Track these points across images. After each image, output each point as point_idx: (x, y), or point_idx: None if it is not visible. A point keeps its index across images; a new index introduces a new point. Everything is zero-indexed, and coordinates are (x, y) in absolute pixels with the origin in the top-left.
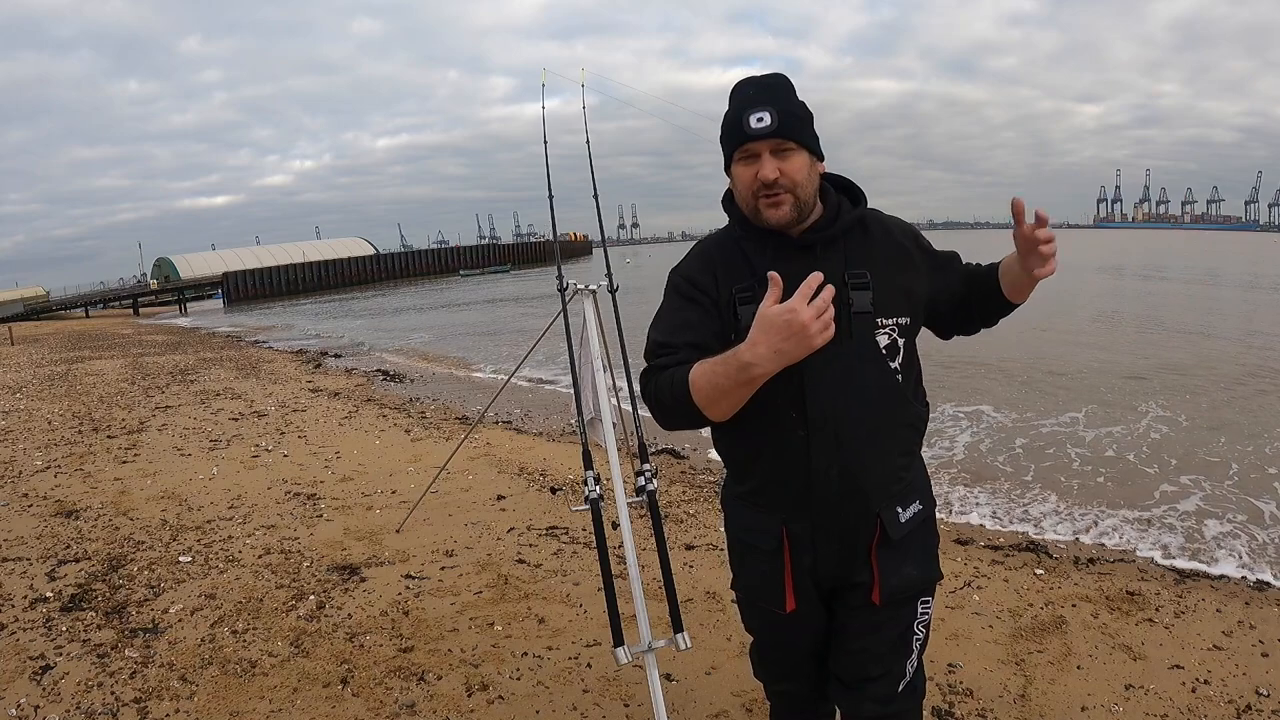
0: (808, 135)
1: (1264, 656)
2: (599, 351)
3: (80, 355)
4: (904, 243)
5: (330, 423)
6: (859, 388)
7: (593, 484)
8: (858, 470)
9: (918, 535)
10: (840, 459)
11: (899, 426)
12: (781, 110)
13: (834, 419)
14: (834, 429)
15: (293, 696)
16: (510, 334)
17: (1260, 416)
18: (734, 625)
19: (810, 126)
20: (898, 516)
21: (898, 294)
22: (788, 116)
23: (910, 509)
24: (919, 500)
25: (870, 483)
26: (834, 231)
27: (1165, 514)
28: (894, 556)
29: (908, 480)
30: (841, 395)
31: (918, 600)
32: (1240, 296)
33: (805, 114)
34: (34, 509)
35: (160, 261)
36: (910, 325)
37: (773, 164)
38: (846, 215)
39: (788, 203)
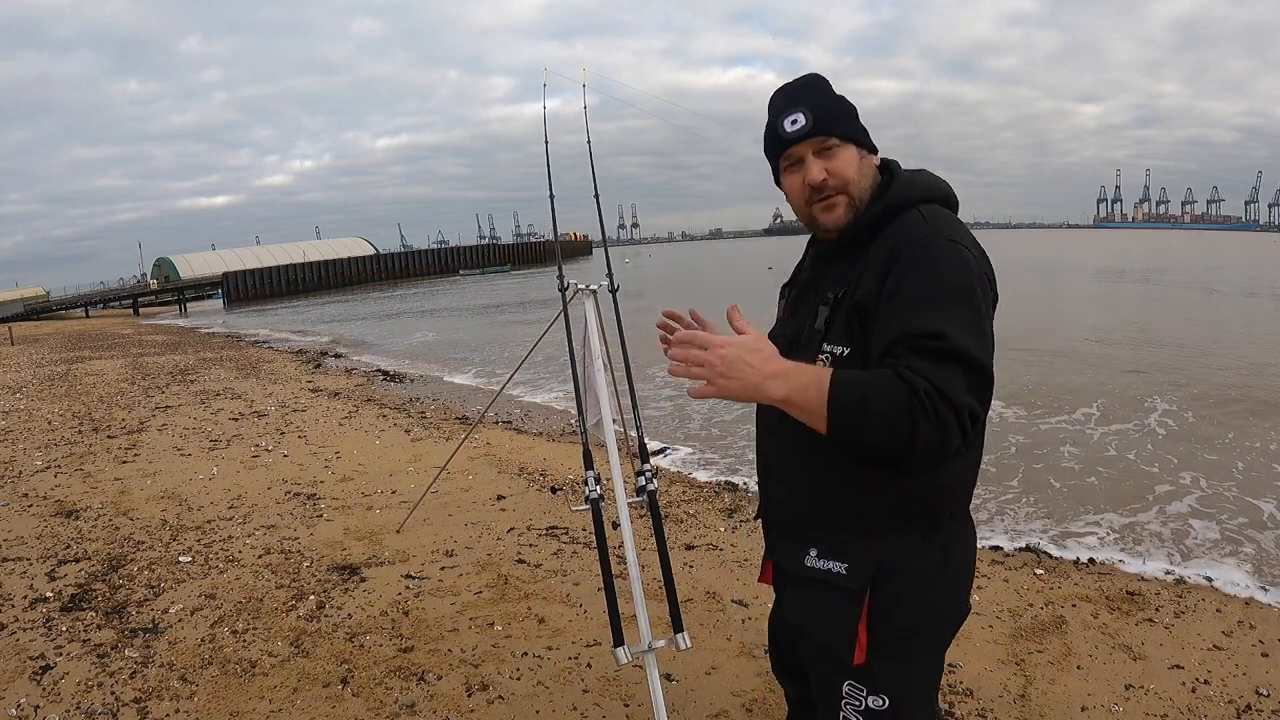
0: (850, 128)
1: (1264, 656)
2: (600, 351)
3: (80, 355)
4: (883, 257)
5: (330, 423)
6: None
7: (593, 484)
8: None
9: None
10: (766, 475)
11: (816, 469)
12: (815, 107)
13: (765, 432)
14: (764, 442)
15: (293, 696)
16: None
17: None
18: (733, 625)
19: (852, 119)
20: (802, 556)
21: (847, 318)
22: (823, 112)
23: (828, 562)
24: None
25: (777, 509)
26: (850, 236)
27: (1164, 514)
28: (794, 596)
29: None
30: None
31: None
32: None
33: (845, 107)
34: (34, 509)
35: (160, 261)
36: (846, 359)
37: (818, 165)
38: (870, 210)
39: (841, 204)
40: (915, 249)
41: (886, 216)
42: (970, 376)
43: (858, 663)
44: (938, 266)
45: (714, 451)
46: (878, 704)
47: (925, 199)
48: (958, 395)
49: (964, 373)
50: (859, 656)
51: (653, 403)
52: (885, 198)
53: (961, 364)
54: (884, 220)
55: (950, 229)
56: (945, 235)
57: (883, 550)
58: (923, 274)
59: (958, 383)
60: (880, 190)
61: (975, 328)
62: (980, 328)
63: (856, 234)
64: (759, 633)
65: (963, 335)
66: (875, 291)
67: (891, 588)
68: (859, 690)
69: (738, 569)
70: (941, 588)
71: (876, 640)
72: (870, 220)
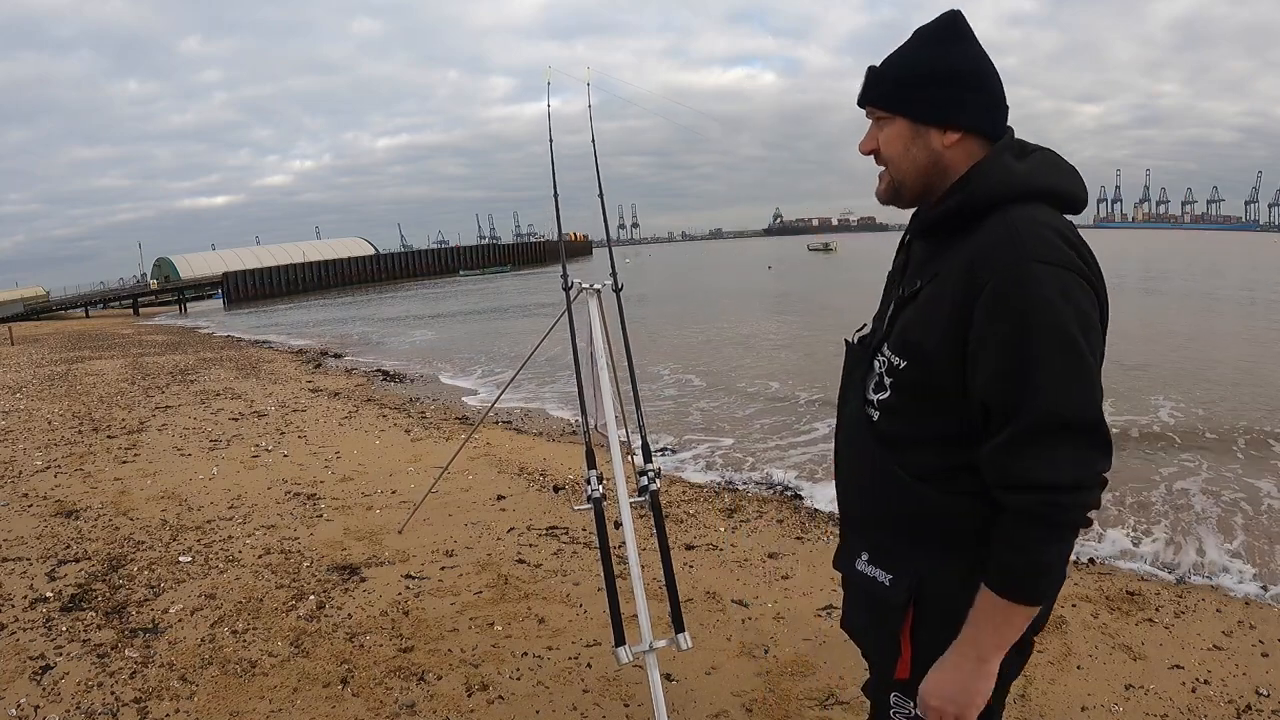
0: (901, 100)
1: (1264, 656)
2: (603, 350)
3: (80, 355)
4: (956, 277)
5: (330, 423)
6: (847, 402)
7: (595, 483)
8: (839, 488)
9: (875, 606)
10: (836, 471)
11: (868, 471)
12: (875, 70)
13: (838, 421)
14: (837, 438)
15: (293, 696)
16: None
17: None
18: (733, 625)
19: (916, 88)
20: (854, 558)
21: (908, 328)
22: (876, 78)
23: (874, 569)
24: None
25: (841, 505)
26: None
27: (1165, 513)
28: (849, 593)
29: (884, 542)
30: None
31: (889, 692)
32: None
33: (914, 73)
34: (34, 509)
35: (160, 261)
36: (904, 372)
37: (870, 135)
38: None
39: (884, 180)
40: (999, 281)
41: (965, 214)
42: (1082, 441)
43: (900, 677)
44: (1028, 310)
45: (714, 451)
46: (907, 709)
47: (1020, 196)
48: (1073, 475)
49: (1075, 443)
50: (902, 670)
51: (655, 402)
52: (962, 191)
53: (1070, 437)
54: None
55: (1043, 245)
56: (1036, 257)
57: (931, 565)
58: (1010, 324)
59: (1070, 464)
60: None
61: (1078, 378)
62: (1084, 374)
63: (930, 225)
64: (759, 633)
65: (1067, 400)
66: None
67: (939, 604)
68: (905, 701)
69: (738, 569)
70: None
71: (921, 656)
72: (945, 214)
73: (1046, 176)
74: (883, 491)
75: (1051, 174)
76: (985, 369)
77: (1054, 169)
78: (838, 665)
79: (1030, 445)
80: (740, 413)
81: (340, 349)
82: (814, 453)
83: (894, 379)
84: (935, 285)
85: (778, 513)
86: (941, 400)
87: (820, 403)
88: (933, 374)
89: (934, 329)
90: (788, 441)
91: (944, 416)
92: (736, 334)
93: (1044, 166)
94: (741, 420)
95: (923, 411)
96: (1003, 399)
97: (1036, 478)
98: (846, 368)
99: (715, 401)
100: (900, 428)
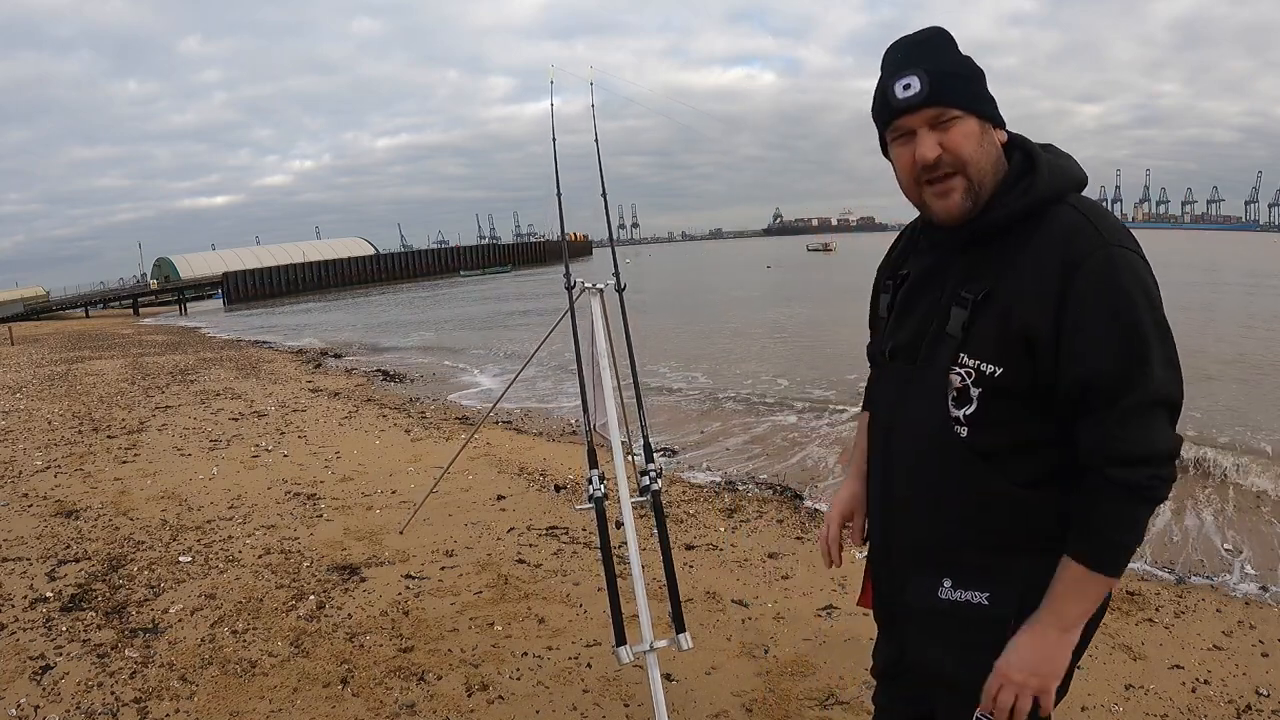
0: (973, 97)
1: (1264, 656)
2: (606, 350)
3: (80, 355)
4: (1049, 265)
5: (330, 423)
6: (910, 424)
7: (597, 482)
8: (889, 512)
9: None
10: (881, 498)
11: (957, 491)
12: (933, 71)
13: (882, 447)
14: (884, 459)
15: (293, 696)
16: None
17: None
18: (733, 625)
19: (977, 85)
20: (934, 587)
21: (1000, 330)
22: (941, 78)
23: (965, 593)
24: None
25: (901, 539)
26: (980, 225)
27: (1165, 513)
28: (921, 630)
29: (973, 562)
30: (895, 428)
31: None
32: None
33: (969, 71)
34: (34, 509)
35: (160, 261)
36: (998, 379)
37: (932, 139)
38: (1011, 202)
39: (958, 189)
40: (1093, 269)
41: (1034, 210)
42: (1173, 416)
43: None
44: (1124, 294)
45: (714, 451)
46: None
47: (1072, 186)
48: (1168, 446)
49: (1169, 416)
50: None
51: (655, 401)
52: (1034, 189)
53: (1166, 410)
54: (1029, 213)
55: (1117, 231)
56: (1118, 241)
57: (1033, 569)
58: (1111, 305)
59: (1164, 436)
60: (1015, 175)
61: (1171, 359)
62: (1174, 355)
63: (993, 229)
64: (759, 633)
65: (1164, 378)
66: (1051, 320)
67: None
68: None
69: (738, 569)
70: None
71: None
72: (1012, 215)
73: (1076, 167)
74: (980, 511)
75: (1075, 165)
76: (1090, 351)
77: (1073, 160)
78: (838, 665)
79: (1137, 420)
80: (741, 412)
81: (340, 349)
82: (815, 453)
83: (983, 388)
84: (1016, 281)
85: (778, 513)
86: (1039, 401)
87: (822, 402)
88: (1036, 371)
89: (1034, 322)
90: (790, 440)
91: (1043, 418)
92: (737, 334)
93: (1069, 159)
94: (742, 420)
95: (1021, 417)
96: (1113, 377)
97: (1143, 450)
98: (894, 387)
99: (716, 401)
100: (998, 439)
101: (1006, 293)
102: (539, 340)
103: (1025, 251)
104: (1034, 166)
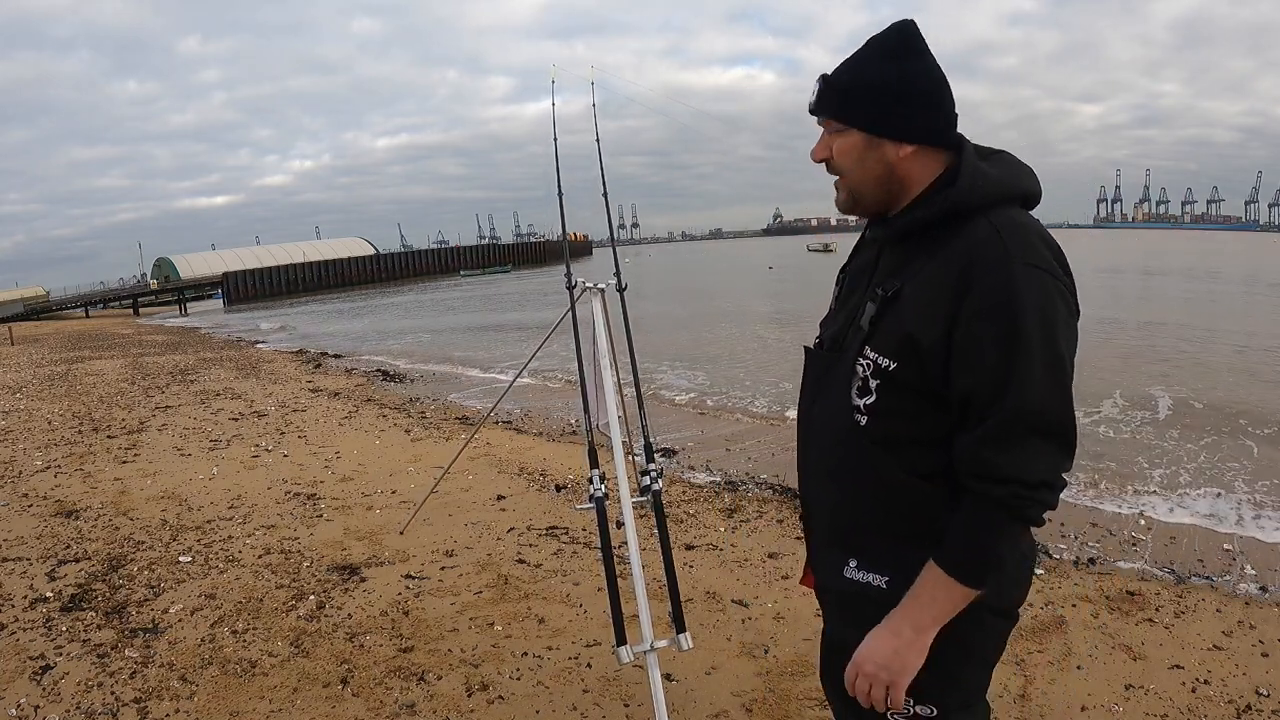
0: (855, 113)
1: (1264, 656)
2: (607, 350)
3: (80, 355)
4: (947, 276)
5: (330, 423)
6: (821, 409)
7: (598, 482)
8: (806, 491)
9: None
10: (801, 480)
11: (857, 476)
12: (829, 80)
13: (802, 429)
14: (802, 441)
15: (293, 696)
16: (520, 344)
17: None
18: (733, 625)
19: (869, 101)
20: (841, 566)
21: (897, 328)
22: (829, 89)
23: (866, 574)
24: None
25: (816, 519)
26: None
27: (1165, 511)
28: (833, 607)
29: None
30: (808, 410)
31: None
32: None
33: (867, 85)
34: (34, 509)
35: (160, 261)
36: (892, 373)
37: (824, 142)
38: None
39: (842, 189)
40: (990, 281)
41: (951, 218)
42: (1053, 442)
43: None
44: (1017, 310)
45: (715, 451)
46: (925, 712)
47: (1000, 199)
48: (1043, 473)
49: (1047, 441)
50: None
51: (657, 403)
52: (945, 198)
53: (1043, 434)
54: (948, 222)
55: (1028, 249)
56: (1026, 259)
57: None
58: (1000, 322)
59: (1040, 460)
60: (942, 183)
61: (1057, 382)
62: (1062, 378)
63: (910, 231)
64: (759, 633)
65: (1045, 398)
66: (942, 330)
67: None
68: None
69: (738, 569)
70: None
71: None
72: (922, 221)
73: (1017, 179)
74: (874, 494)
75: (1019, 176)
76: (971, 364)
77: (1020, 171)
78: None
79: (1008, 439)
80: (742, 412)
81: (341, 350)
82: None
83: (881, 380)
84: (919, 286)
85: (778, 513)
86: (935, 397)
87: None
88: (925, 373)
89: (928, 327)
90: (790, 441)
91: (937, 415)
92: (738, 334)
93: (1011, 170)
94: (742, 420)
95: (916, 412)
96: (987, 393)
97: (1011, 471)
98: (812, 375)
99: (716, 401)
100: (894, 429)
101: (910, 295)
102: (541, 339)
103: (936, 259)
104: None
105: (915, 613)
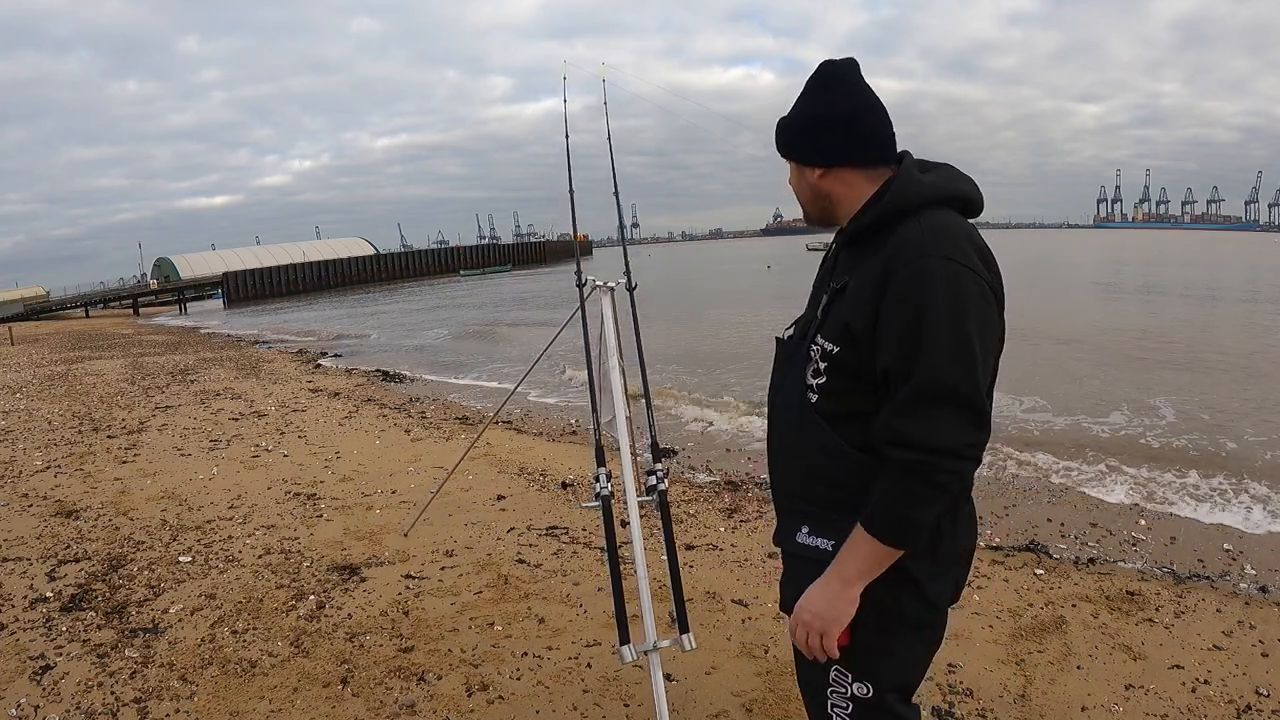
0: (785, 146)
1: (1264, 656)
2: (615, 349)
3: (80, 355)
4: (877, 269)
5: (330, 423)
6: (783, 390)
7: (604, 480)
8: (772, 467)
9: (815, 571)
10: (768, 451)
11: (806, 447)
12: (778, 124)
13: (770, 410)
14: (769, 417)
15: (293, 696)
16: (520, 344)
17: None
18: (733, 625)
19: (792, 135)
20: (795, 531)
21: (840, 316)
22: (777, 131)
23: (816, 539)
24: (835, 542)
25: (778, 487)
26: (847, 233)
27: (1166, 512)
28: (790, 570)
29: (823, 512)
30: (775, 393)
31: (829, 666)
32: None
33: (792, 121)
34: (34, 509)
35: (160, 261)
36: (835, 356)
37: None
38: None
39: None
40: (907, 271)
41: (885, 221)
42: (960, 413)
43: (841, 643)
44: (927, 294)
45: (715, 452)
46: (861, 690)
47: (930, 202)
48: (949, 441)
49: (954, 411)
50: (843, 636)
51: (657, 403)
52: (879, 204)
53: (949, 404)
54: (883, 225)
55: (947, 244)
56: (941, 253)
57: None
58: (911, 304)
59: (947, 429)
60: (877, 195)
61: (964, 358)
62: (969, 356)
63: (854, 237)
64: (759, 633)
65: (950, 370)
66: (869, 316)
67: None
68: (844, 676)
69: (738, 569)
70: (928, 572)
71: (859, 619)
72: (864, 227)
73: (950, 184)
74: (824, 465)
75: (954, 182)
76: (887, 341)
77: (956, 178)
78: None
79: (915, 408)
80: (742, 413)
81: (341, 350)
82: None
83: (828, 363)
84: (858, 278)
85: None
86: (869, 376)
87: None
88: (860, 355)
89: (858, 315)
90: None
91: (871, 390)
92: (738, 334)
93: (946, 177)
94: (742, 420)
95: (856, 390)
96: (901, 368)
97: (919, 438)
98: (779, 360)
99: (717, 401)
100: (838, 406)
101: (852, 287)
102: (550, 339)
103: (874, 257)
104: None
105: (843, 567)
